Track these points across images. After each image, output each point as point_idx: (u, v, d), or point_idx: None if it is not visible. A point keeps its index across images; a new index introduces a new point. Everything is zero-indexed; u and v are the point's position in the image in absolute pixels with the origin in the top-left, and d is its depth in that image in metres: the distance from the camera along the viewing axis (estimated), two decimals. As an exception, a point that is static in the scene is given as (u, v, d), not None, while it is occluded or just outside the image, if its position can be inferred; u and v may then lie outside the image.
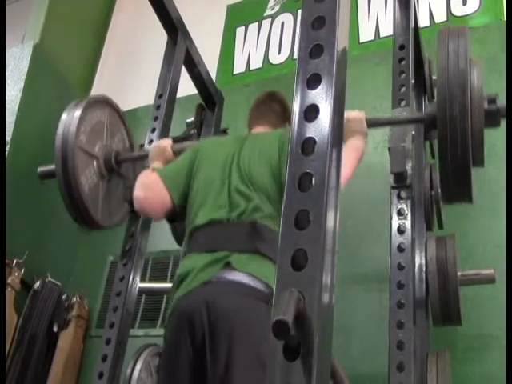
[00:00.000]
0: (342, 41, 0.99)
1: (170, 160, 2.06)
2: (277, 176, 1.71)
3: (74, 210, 2.35)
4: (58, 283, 3.28)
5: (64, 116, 2.39)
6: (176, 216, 1.86)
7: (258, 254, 1.62)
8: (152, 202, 1.84)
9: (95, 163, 2.44)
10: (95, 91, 4.27)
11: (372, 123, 1.90)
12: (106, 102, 2.57)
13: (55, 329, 3.14)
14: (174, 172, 1.90)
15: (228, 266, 1.61)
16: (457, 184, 1.65)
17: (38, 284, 3.19)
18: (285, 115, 2.05)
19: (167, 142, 2.16)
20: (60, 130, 2.34)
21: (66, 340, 3.13)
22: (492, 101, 1.66)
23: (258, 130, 2.00)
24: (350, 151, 1.81)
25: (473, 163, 1.61)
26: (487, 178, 2.55)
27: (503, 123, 1.72)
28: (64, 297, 3.28)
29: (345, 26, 1.03)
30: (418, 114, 2.15)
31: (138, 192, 1.84)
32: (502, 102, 1.67)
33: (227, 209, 1.70)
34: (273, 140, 1.80)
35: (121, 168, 2.51)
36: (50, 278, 3.25)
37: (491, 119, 1.66)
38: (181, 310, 1.62)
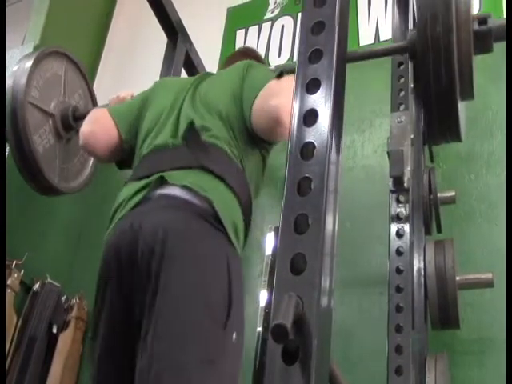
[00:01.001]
0: (341, 46, 0.99)
1: None
2: (238, 100, 1.56)
3: (26, 173, 2.14)
4: (57, 284, 3.28)
5: (14, 68, 2.14)
6: (124, 158, 1.72)
7: (198, 169, 1.44)
8: (98, 135, 1.69)
9: (51, 121, 2.22)
10: (95, 92, 4.26)
11: (350, 57, 1.69)
12: (63, 55, 2.35)
13: (54, 330, 3.13)
14: (123, 106, 1.79)
15: (161, 182, 1.43)
16: (442, 119, 1.43)
17: (37, 285, 3.19)
18: (255, 59, 1.92)
19: (127, 93, 2.01)
20: (9, 84, 2.09)
21: (66, 342, 3.13)
22: (482, 21, 1.42)
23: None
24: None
25: (461, 95, 1.39)
26: (486, 185, 2.56)
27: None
28: (63, 298, 3.27)
29: (344, 30, 1.03)
30: (400, 43, 1.93)
31: (84, 127, 1.72)
32: (494, 21, 1.43)
33: (172, 133, 1.55)
34: (236, 68, 1.68)
35: (80, 124, 2.23)
36: (49, 280, 3.24)
37: (482, 42, 1.41)
38: (107, 246, 1.44)
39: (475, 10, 3.15)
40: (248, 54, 2.05)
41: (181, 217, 1.37)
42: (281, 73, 1.55)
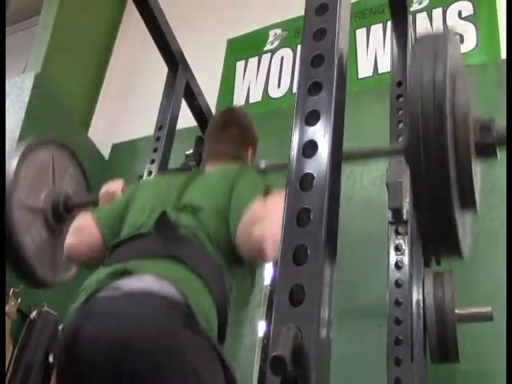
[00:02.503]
0: (340, 78, 1.00)
1: None
2: (224, 218, 1.50)
3: (19, 275, 2.14)
4: (54, 313, 3.25)
5: None
6: None
7: (169, 258, 1.38)
8: (81, 248, 1.65)
9: (42, 216, 2.18)
10: (96, 121, 4.30)
11: (346, 156, 1.61)
12: (49, 142, 2.29)
13: (51, 359, 3.10)
14: (107, 211, 1.73)
15: (127, 273, 1.35)
16: (440, 236, 1.26)
17: (34, 313, 3.16)
18: (246, 139, 1.88)
19: (117, 186, 1.95)
20: None
21: (61, 372, 3.09)
22: (486, 128, 1.27)
23: (212, 167, 1.79)
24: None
25: (462, 207, 1.23)
26: (485, 218, 2.56)
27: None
28: (60, 327, 3.24)
29: (343, 63, 1.05)
30: (397, 146, 1.92)
31: (68, 239, 1.67)
32: (499, 128, 1.30)
33: (148, 225, 1.50)
34: (223, 178, 1.61)
35: (73, 212, 2.20)
36: (46, 308, 3.22)
37: (485, 151, 1.28)
38: (68, 328, 1.38)
39: (472, 46, 3.19)
40: (239, 124, 1.91)
41: (151, 312, 1.28)
42: (267, 189, 1.51)
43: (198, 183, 1.65)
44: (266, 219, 1.37)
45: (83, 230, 1.67)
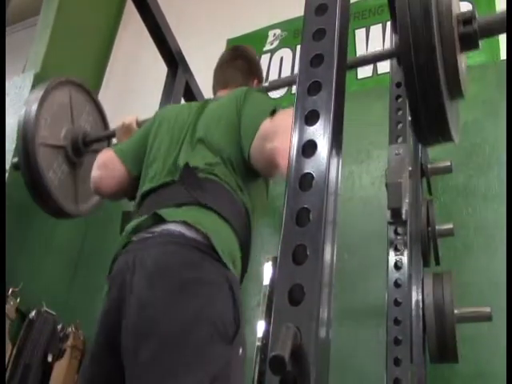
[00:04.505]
0: (339, 78, 1.00)
1: None
2: (236, 138, 1.59)
3: (46, 208, 2.29)
4: (53, 313, 3.25)
5: (22, 112, 2.25)
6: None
7: (196, 205, 1.47)
8: (107, 180, 1.76)
9: (63, 153, 2.34)
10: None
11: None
12: (66, 82, 2.45)
13: (50, 359, 3.10)
14: (128, 145, 1.83)
15: (158, 219, 1.45)
16: (432, 123, 1.34)
17: (33, 313, 3.16)
18: (251, 70, 2.00)
19: (132, 118, 2.09)
20: (20, 129, 2.22)
21: (61, 370, 3.09)
22: (467, 21, 1.35)
23: (222, 94, 1.91)
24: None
25: (449, 94, 1.34)
26: (484, 219, 2.56)
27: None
28: (59, 327, 3.25)
29: (343, 63, 1.04)
30: (387, 49, 1.98)
31: (94, 172, 1.78)
32: (480, 19, 1.36)
33: (169, 173, 1.59)
34: (232, 100, 1.69)
35: (92, 147, 2.41)
36: (45, 308, 3.22)
37: (468, 42, 1.35)
38: (107, 285, 1.49)
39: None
40: (246, 58, 2.05)
41: (179, 250, 1.39)
42: (274, 109, 1.59)
43: (208, 113, 1.72)
44: (277, 133, 1.45)
45: (108, 164, 1.77)
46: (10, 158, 3.36)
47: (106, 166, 1.77)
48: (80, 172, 2.39)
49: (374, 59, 1.99)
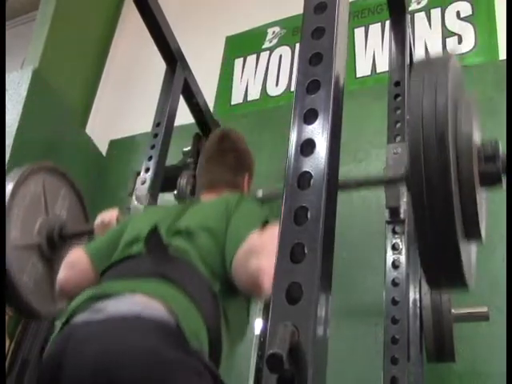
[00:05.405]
0: (338, 77, 1.00)
1: None
2: (220, 248, 1.46)
3: (18, 312, 2.20)
4: (50, 309, 3.25)
5: None
6: None
7: (159, 277, 1.35)
8: (72, 283, 1.61)
9: (37, 251, 2.17)
10: (93, 117, 4.29)
11: (342, 185, 1.60)
12: (38, 169, 2.25)
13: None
14: (100, 243, 1.70)
15: (110, 294, 1.32)
16: (443, 266, 1.18)
17: (30, 309, 3.16)
18: (243, 165, 1.86)
19: (112, 215, 1.94)
20: None
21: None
22: (490, 158, 1.20)
23: (208, 197, 1.77)
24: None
25: (466, 237, 1.18)
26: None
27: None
28: (57, 322, 3.24)
29: (342, 62, 1.05)
30: (397, 175, 1.91)
31: (60, 273, 1.64)
32: (503, 156, 1.23)
33: (139, 247, 1.49)
34: (222, 203, 1.58)
35: (69, 240, 2.21)
36: (42, 304, 3.22)
37: (489, 180, 1.22)
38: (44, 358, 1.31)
39: (470, 46, 3.19)
40: (235, 151, 1.88)
41: (139, 335, 1.23)
42: (265, 221, 1.49)
43: (194, 211, 1.62)
44: (264, 250, 1.33)
45: (75, 265, 1.65)
46: (8, 154, 3.36)
47: (73, 266, 1.64)
48: (58, 268, 2.22)
49: (380, 183, 1.96)
